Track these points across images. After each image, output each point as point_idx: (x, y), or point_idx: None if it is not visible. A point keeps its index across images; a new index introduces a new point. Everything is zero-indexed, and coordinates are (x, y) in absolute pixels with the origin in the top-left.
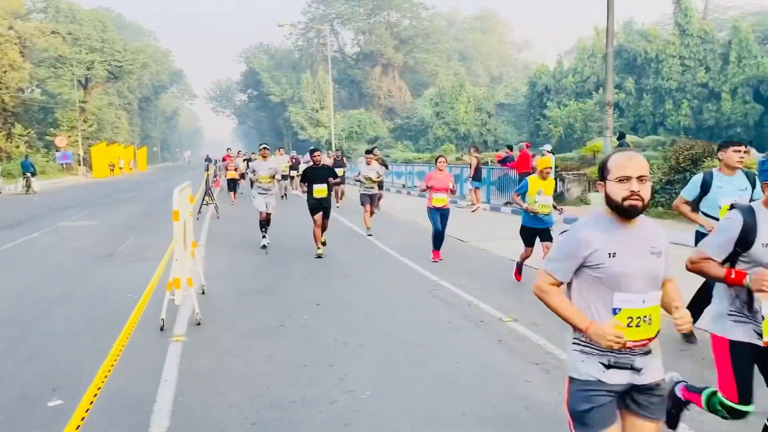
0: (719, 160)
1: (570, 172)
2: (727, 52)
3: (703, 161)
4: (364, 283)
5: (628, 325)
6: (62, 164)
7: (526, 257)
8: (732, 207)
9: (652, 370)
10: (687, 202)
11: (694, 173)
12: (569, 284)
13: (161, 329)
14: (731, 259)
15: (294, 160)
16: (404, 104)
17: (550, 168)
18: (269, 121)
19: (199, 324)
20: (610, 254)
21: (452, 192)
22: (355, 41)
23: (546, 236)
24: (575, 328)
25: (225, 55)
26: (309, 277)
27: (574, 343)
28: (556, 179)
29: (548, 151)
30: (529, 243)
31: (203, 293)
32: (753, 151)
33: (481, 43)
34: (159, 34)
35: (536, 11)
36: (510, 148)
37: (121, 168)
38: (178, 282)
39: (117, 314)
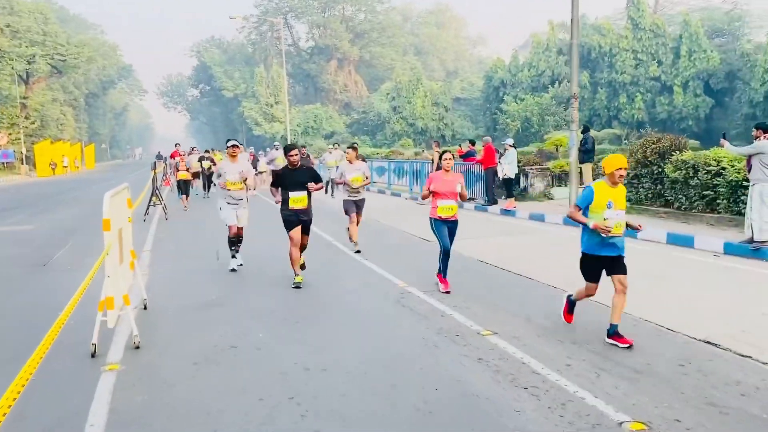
0: None
1: (533, 167)
2: (678, 46)
3: (671, 155)
4: (324, 290)
5: None
6: (2, 163)
7: (588, 296)
8: None
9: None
10: None
11: (662, 167)
12: None
13: (92, 356)
14: None
15: (251, 157)
16: (360, 99)
17: (625, 169)
18: (223, 116)
19: (137, 348)
20: None
21: (462, 198)
22: (309, 35)
23: (618, 267)
24: None
25: (176, 50)
26: (265, 287)
27: None
28: (526, 174)
29: (510, 145)
30: (593, 277)
31: (145, 308)
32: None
33: (436, 37)
34: (106, 28)
35: (488, 6)
36: (472, 142)
37: (65, 167)
38: (112, 302)
39: (37, 336)
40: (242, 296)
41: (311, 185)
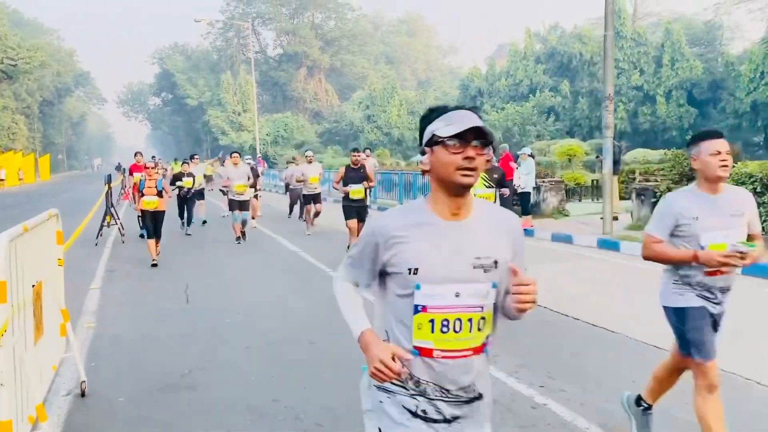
0: None
1: (545, 179)
2: (660, 55)
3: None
4: (334, 346)
5: None
6: None
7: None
8: None
9: None
10: None
11: None
12: None
13: None
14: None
15: (262, 164)
16: (331, 108)
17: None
18: (186, 126)
19: None
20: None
21: None
22: (277, 42)
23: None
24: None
25: (136, 57)
26: (261, 352)
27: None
28: (538, 188)
29: (528, 155)
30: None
31: (83, 395)
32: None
33: (407, 46)
34: (63, 33)
35: (458, 16)
36: None
37: (20, 179)
38: (10, 427)
39: None
40: (225, 371)
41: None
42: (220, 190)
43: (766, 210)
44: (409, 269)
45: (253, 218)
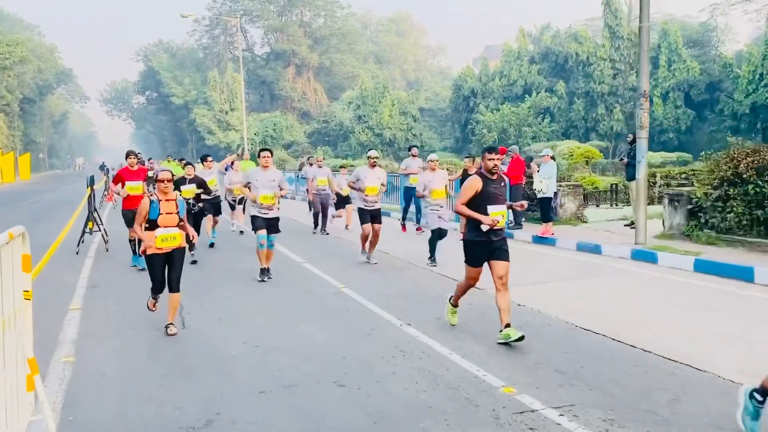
0: None
1: (562, 184)
2: (657, 56)
3: None
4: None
5: None
6: None
7: None
8: None
9: None
10: None
11: (762, 187)
12: None
13: None
14: None
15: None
16: (320, 107)
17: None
18: (171, 125)
19: None
20: None
21: None
22: (265, 40)
23: None
24: None
25: (120, 54)
26: (278, 402)
27: None
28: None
29: (550, 157)
30: None
31: None
32: None
33: (397, 46)
34: (44, 29)
35: (446, 16)
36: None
37: None
38: None
39: None
40: (237, 428)
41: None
42: (225, 199)
43: None
44: None
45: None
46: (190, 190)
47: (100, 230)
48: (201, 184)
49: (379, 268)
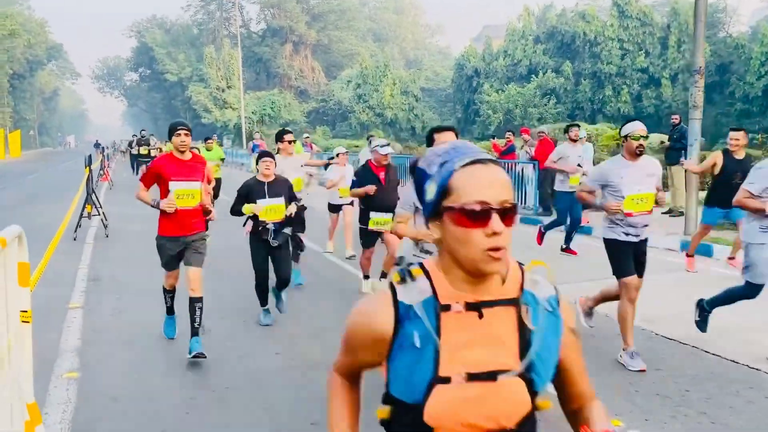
0: None
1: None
2: (666, 36)
3: None
4: None
5: None
6: None
7: None
8: None
9: None
10: None
11: None
12: None
13: None
14: None
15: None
16: (318, 86)
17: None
18: (164, 102)
19: None
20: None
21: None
22: (261, 16)
23: None
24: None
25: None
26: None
27: None
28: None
29: (586, 139)
30: None
31: None
32: None
33: (395, 24)
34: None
35: None
36: (513, 133)
37: None
38: None
39: None
40: None
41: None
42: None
43: None
44: None
45: None
46: (274, 207)
47: (99, 214)
48: (290, 195)
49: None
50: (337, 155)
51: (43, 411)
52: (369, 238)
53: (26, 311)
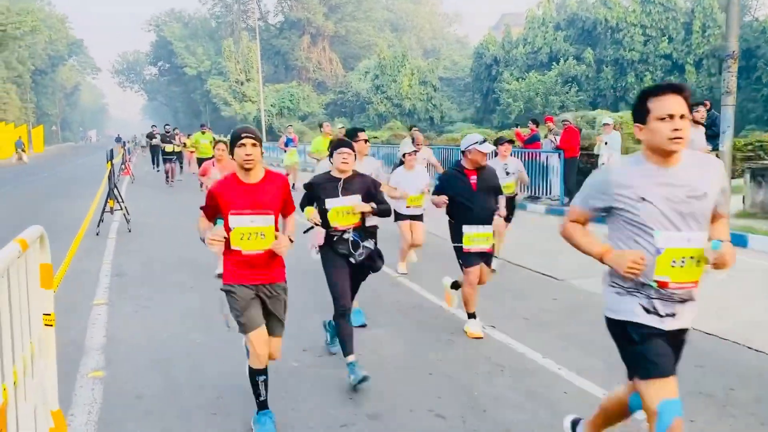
0: None
1: (623, 157)
2: (690, 21)
3: None
4: None
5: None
6: None
7: None
8: None
9: None
10: None
11: None
12: None
13: None
14: None
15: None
16: (336, 77)
17: None
18: (184, 96)
19: None
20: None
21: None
22: (278, 8)
23: None
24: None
25: (131, 24)
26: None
27: None
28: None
29: (614, 127)
30: None
31: None
32: None
33: (413, 13)
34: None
35: None
36: (535, 122)
37: (21, 151)
38: None
39: None
40: None
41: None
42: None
43: None
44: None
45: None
46: (349, 209)
47: (121, 208)
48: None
49: (435, 254)
50: (404, 155)
51: (69, 413)
52: (469, 257)
53: (49, 314)
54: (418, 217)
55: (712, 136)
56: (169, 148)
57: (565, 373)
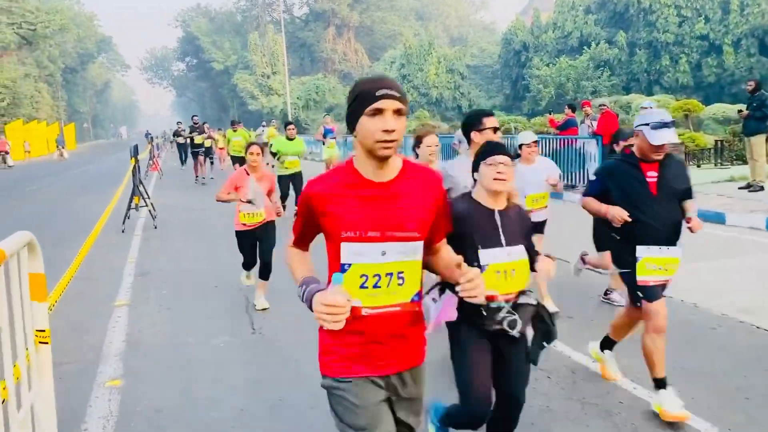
0: None
1: None
2: (728, 1)
3: None
4: None
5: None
6: None
7: None
8: None
9: None
10: None
11: None
12: None
13: None
14: None
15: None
16: (362, 68)
17: None
18: (211, 91)
19: None
20: None
21: None
22: (303, 1)
23: None
24: None
25: (158, 20)
26: None
27: None
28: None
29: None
30: None
31: None
32: None
33: (439, 1)
34: None
35: None
36: (572, 108)
37: (62, 148)
38: None
39: None
40: None
41: None
42: None
43: None
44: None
45: None
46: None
47: (146, 205)
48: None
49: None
50: (520, 147)
51: (82, 427)
52: (653, 289)
53: (44, 330)
54: (539, 227)
55: (761, 118)
56: (198, 139)
57: (641, 392)
